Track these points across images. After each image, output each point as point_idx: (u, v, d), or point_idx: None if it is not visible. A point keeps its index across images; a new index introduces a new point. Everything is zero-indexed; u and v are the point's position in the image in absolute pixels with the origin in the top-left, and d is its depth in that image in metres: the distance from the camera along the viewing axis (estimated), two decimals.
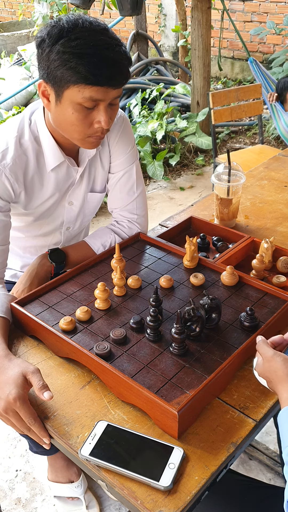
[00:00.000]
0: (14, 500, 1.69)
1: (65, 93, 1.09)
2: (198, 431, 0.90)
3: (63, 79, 1.06)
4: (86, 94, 1.07)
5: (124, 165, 1.40)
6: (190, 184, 3.95)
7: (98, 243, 1.39)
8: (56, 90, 1.10)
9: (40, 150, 1.26)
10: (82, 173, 1.35)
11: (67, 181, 1.34)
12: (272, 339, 0.95)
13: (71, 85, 1.06)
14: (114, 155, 1.39)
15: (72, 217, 1.42)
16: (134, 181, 1.43)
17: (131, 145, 1.41)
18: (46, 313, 1.13)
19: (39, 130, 1.25)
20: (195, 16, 4.11)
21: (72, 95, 1.08)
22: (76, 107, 1.10)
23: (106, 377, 0.97)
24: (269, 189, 1.83)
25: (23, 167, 1.24)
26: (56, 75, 1.07)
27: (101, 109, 1.11)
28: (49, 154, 1.26)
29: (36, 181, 1.28)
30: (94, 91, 1.07)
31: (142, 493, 0.81)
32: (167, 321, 1.10)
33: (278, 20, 5.64)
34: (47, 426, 0.92)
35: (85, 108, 1.10)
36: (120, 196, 1.43)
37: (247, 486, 1.12)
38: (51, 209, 1.36)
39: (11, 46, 7.01)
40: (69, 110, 1.11)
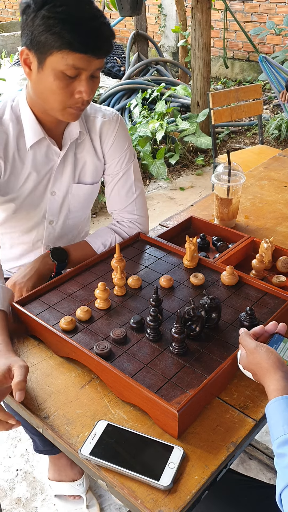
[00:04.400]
0: (15, 500, 1.69)
1: (47, 59, 1.08)
2: (198, 431, 0.91)
3: (46, 44, 1.05)
4: (69, 61, 1.06)
5: (121, 165, 1.39)
6: (190, 184, 3.96)
7: (99, 242, 1.39)
8: (38, 57, 1.09)
9: (20, 129, 1.26)
10: (64, 159, 1.33)
11: (47, 163, 1.31)
12: (253, 330, 0.94)
13: (54, 51, 1.05)
14: (110, 155, 1.38)
15: (55, 209, 1.38)
16: (133, 182, 1.42)
17: (127, 145, 1.40)
18: (46, 313, 1.13)
19: (21, 107, 1.25)
20: (195, 16, 4.11)
21: (54, 62, 1.07)
22: (58, 74, 1.09)
23: (106, 376, 0.97)
24: (269, 189, 1.83)
25: (2, 145, 1.24)
26: (40, 40, 1.05)
27: (82, 79, 1.10)
28: (29, 130, 1.25)
29: (15, 160, 1.27)
30: (78, 59, 1.06)
31: (142, 493, 0.81)
32: (167, 320, 1.10)
33: (278, 20, 5.64)
34: (47, 425, 0.93)
35: (67, 76, 1.09)
36: (119, 197, 1.42)
37: (247, 485, 1.12)
38: (32, 196, 1.33)
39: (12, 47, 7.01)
40: (50, 77, 1.10)
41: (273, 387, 0.82)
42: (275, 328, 0.95)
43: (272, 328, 0.95)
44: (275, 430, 0.77)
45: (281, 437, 0.75)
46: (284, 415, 0.77)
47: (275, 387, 0.81)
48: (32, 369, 1.05)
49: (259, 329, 0.94)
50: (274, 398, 0.80)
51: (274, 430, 0.77)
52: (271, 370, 0.84)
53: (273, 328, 0.95)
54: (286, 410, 0.77)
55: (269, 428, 0.80)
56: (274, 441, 0.77)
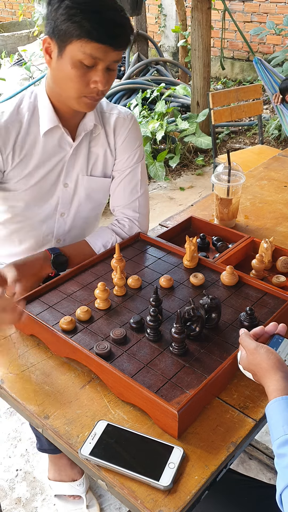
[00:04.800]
0: (15, 500, 1.69)
1: (67, 48, 1.12)
2: (198, 431, 0.91)
3: (67, 32, 1.10)
4: (87, 50, 1.11)
5: (129, 163, 1.42)
6: (190, 184, 3.95)
7: (99, 244, 1.39)
8: (59, 45, 1.14)
9: (35, 118, 1.29)
10: (77, 151, 1.35)
11: (58, 153, 1.33)
12: (254, 331, 0.94)
13: (74, 39, 1.10)
14: (120, 151, 1.40)
15: (67, 201, 1.40)
16: (139, 180, 1.44)
17: (138, 144, 1.43)
18: (46, 313, 1.13)
19: (39, 96, 1.29)
20: (195, 16, 4.11)
21: (73, 51, 1.12)
22: (76, 63, 1.13)
23: (106, 376, 0.97)
24: (268, 189, 1.83)
25: (16, 132, 1.27)
26: (61, 28, 1.11)
27: (99, 69, 1.14)
28: (44, 117, 1.28)
29: (27, 147, 1.29)
30: (95, 49, 1.11)
31: (142, 493, 0.81)
32: (167, 321, 1.10)
33: (278, 20, 5.64)
34: (47, 425, 0.93)
35: (84, 65, 1.13)
36: (123, 194, 1.43)
37: (247, 485, 1.12)
38: (44, 187, 1.34)
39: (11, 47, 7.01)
40: (68, 66, 1.14)
41: (273, 388, 0.82)
42: (275, 329, 0.95)
43: (272, 329, 0.95)
44: (275, 430, 0.77)
45: (281, 437, 0.75)
46: (284, 415, 0.77)
47: (275, 388, 0.81)
48: (32, 369, 1.05)
49: (259, 329, 0.94)
50: (274, 399, 0.80)
51: (274, 431, 0.77)
52: (271, 370, 0.84)
53: (273, 329, 0.95)
54: (286, 411, 0.77)
55: (269, 429, 0.80)
56: (274, 442, 0.77)
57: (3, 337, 1.14)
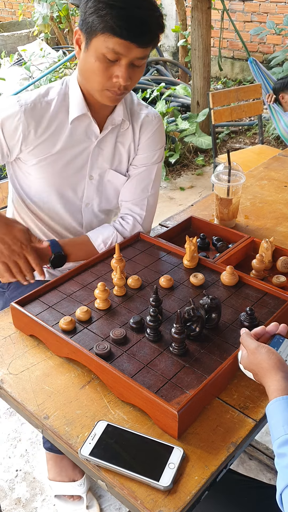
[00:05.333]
0: (14, 500, 1.69)
1: (92, 40, 1.15)
2: (198, 431, 0.91)
3: (93, 26, 1.13)
4: (109, 45, 1.12)
5: (147, 160, 1.43)
6: (190, 184, 3.95)
7: (100, 240, 1.39)
8: (86, 37, 1.17)
9: (65, 104, 1.31)
10: (102, 143, 1.37)
11: (84, 141, 1.35)
12: (255, 330, 0.95)
13: (98, 33, 1.12)
14: (141, 148, 1.42)
15: (91, 193, 1.43)
16: (151, 181, 1.45)
17: (160, 145, 1.45)
18: (46, 313, 1.13)
19: (70, 84, 1.32)
20: (195, 16, 4.11)
21: (98, 44, 1.14)
22: (99, 56, 1.15)
23: (106, 377, 0.97)
24: (269, 189, 1.83)
25: (43, 112, 1.29)
26: (88, 21, 1.13)
27: (122, 65, 1.16)
28: (74, 104, 1.30)
29: (53, 130, 1.31)
30: (118, 44, 1.12)
31: (142, 493, 0.81)
32: (167, 321, 1.10)
33: (278, 20, 5.64)
34: (47, 426, 0.93)
35: (107, 59, 1.15)
36: (134, 190, 1.45)
37: (247, 486, 1.12)
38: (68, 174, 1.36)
39: (11, 46, 7.00)
40: (92, 58, 1.16)
41: (273, 388, 0.82)
42: (276, 329, 0.95)
43: (273, 329, 0.95)
44: (275, 430, 0.77)
45: (281, 437, 0.75)
46: (285, 415, 0.77)
47: (275, 388, 0.81)
48: (31, 369, 1.04)
49: (260, 329, 0.95)
50: (275, 399, 0.80)
51: (275, 430, 0.77)
52: (272, 370, 0.84)
53: (274, 329, 0.95)
54: (287, 410, 0.77)
55: (269, 429, 0.80)
56: (274, 441, 0.77)
57: (3, 337, 1.14)
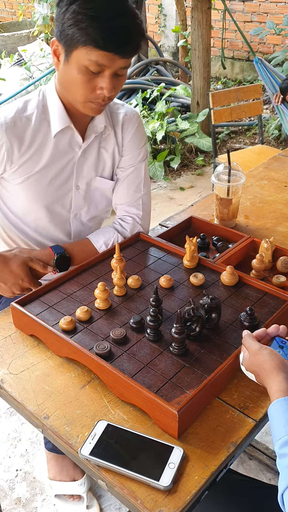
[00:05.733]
0: (14, 500, 1.69)
1: (73, 53, 1.11)
2: (198, 431, 0.91)
3: (73, 38, 1.09)
4: (92, 58, 1.09)
5: (134, 160, 1.42)
6: (190, 184, 3.95)
7: (101, 241, 1.39)
8: (65, 49, 1.13)
9: (46, 118, 1.28)
10: (86, 152, 1.35)
11: (68, 153, 1.32)
12: (256, 332, 0.95)
13: (80, 45, 1.09)
14: (125, 149, 1.41)
15: (80, 202, 1.41)
16: (142, 179, 1.45)
17: (143, 142, 1.44)
18: (46, 313, 1.13)
19: (48, 96, 1.28)
20: (195, 16, 4.11)
21: (79, 56, 1.11)
22: (82, 68, 1.12)
23: (106, 377, 0.97)
24: (269, 189, 1.83)
25: (24, 130, 1.26)
26: (67, 33, 1.09)
27: (105, 76, 1.13)
28: (56, 117, 1.27)
29: (37, 146, 1.28)
30: (101, 56, 1.09)
31: (142, 493, 0.81)
32: (167, 321, 1.10)
33: (278, 20, 5.64)
34: (47, 425, 0.93)
35: (90, 71, 1.12)
36: (127, 191, 1.44)
37: (247, 486, 1.12)
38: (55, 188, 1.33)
39: (11, 47, 7.00)
40: (74, 70, 1.13)
41: (275, 388, 0.82)
42: (277, 331, 0.95)
43: (274, 331, 0.95)
44: (277, 430, 0.78)
45: (283, 437, 0.76)
46: (286, 415, 0.77)
47: (277, 388, 0.82)
48: (32, 369, 1.05)
49: (262, 331, 0.95)
50: (277, 399, 0.80)
51: (276, 431, 0.78)
52: (274, 371, 0.84)
53: (274, 331, 0.95)
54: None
55: (270, 429, 0.80)
56: (276, 442, 0.77)
57: (3, 337, 1.14)
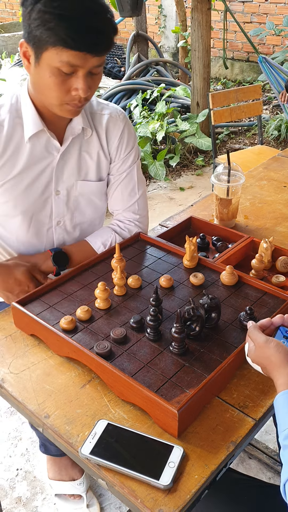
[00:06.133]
0: (15, 499, 1.69)
1: (43, 55, 1.05)
2: (198, 430, 0.91)
3: (42, 39, 1.03)
4: (64, 58, 1.03)
5: (125, 166, 1.39)
6: (190, 185, 3.96)
7: (99, 242, 1.38)
8: (35, 51, 1.06)
9: (19, 122, 1.23)
10: (65, 155, 1.29)
11: (45, 158, 1.26)
12: (261, 322, 0.95)
13: (49, 46, 1.03)
14: (115, 155, 1.37)
15: (61, 209, 1.34)
16: (136, 183, 1.41)
17: (132, 146, 1.39)
18: (46, 313, 1.13)
19: (22, 100, 1.22)
20: (195, 17, 4.12)
21: (50, 58, 1.04)
22: (54, 70, 1.06)
23: (106, 376, 0.97)
24: (268, 189, 1.84)
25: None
26: (35, 35, 1.03)
27: (79, 76, 1.07)
28: (29, 121, 1.21)
29: (11, 152, 1.23)
30: (72, 56, 1.03)
31: (142, 492, 0.81)
32: (167, 320, 1.11)
33: (277, 21, 5.65)
34: (47, 425, 0.93)
35: (63, 73, 1.06)
36: (121, 198, 1.42)
37: (246, 485, 1.13)
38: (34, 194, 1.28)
39: (12, 47, 7.01)
40: (46, 73, 1.07)
41: (282, 381, 0.83)
42: (281, 321, 0.95)
43: (279, 320, 0.95)
44: (282, 422, 0.79)
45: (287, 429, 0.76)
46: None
47: (284, 381, 0.83)
48: (32, 368, 1.05)
49: (266, 321, 0.95)
50: (283, 391, 0.81)
51: (282, 422, 0.79)
52: (281, 364, 0.85)
53: (279, 320, 0.95)
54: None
55: (277, 420, 0.81)
56: (281, 433, 0.79)
57: (4, 337, 1.14)
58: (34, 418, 0.96)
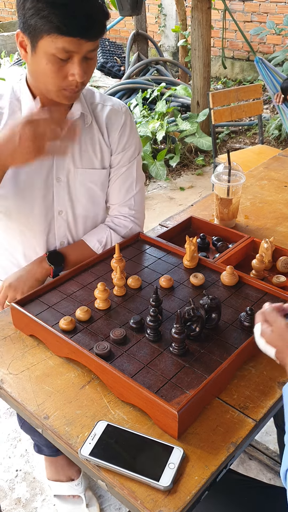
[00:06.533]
0: (14, 500, 1.69)
1: (39, 43, 1.09)
2: (198, 431, 0.90)
3: (36, 28, 1.06)
4: (59, 45, 1.07)
5: (125, 160, 1.39)
6: (190, 184, 3.95)
7: (94, 240, 1.38)
8: (31, 40, 1.10)
9: (19, 109, 1.25)
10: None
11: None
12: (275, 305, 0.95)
13: (44, 35, 1.06)
14: (116, 147, 1.37)
15: (62, 196, 1.34)
16: (134, 178, 1.42)
17: (133, 138, 1.39)
18: (46, 313, 1.13)
19: (21, 89, 1.26)
20: (195, 16, 4.11)
21: (45, 46, 1.08)
22: (50, 58, 1.10)
23: (106, 377, 0.97)
24: (269, 189, 1.83)
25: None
26: (30, 24, 1.07)
27: (75, 62, 1.10)
28: (26, 108, 1.24)
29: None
30: (67, 42, 1.06)
31: (142, 493, 0.81)
32: (167, 321, 1.10)
33: (278, 20, 5.64)
34: (47, 426, 0.93)
35: (59, 59, 1.10)
36: (118, 192, 1.42)
37: (247, 486, 1.12)
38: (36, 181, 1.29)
39: (11, 46, 7.01)
40: (43, 60, 1.11)
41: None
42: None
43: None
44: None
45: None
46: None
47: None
48: (31, 369, 1.04)
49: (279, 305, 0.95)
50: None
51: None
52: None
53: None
54: None
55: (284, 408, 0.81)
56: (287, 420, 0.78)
57: (3, 337, 1.14)
58: (33, 419, 0.95)
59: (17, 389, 1.00)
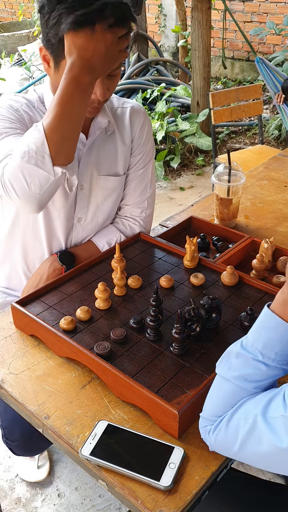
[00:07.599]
0: (14, 500, 1.69)
1: (62, 62, 1.08)
2: (199, 431, 0.90)
3: (59, 49, 1.05)
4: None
5: (143, 162, 1.40)
6: (190, 184, 3.96)
7: (104, 241, 1.39)
8: (54, 58, 1.10)
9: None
10: (91, 149, 1.30)
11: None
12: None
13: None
14: (135, 147, 1.38)
15: (84, 204, 1.34)
16: (149, 180, 1.43)
17: (150, 141, 1.41)
18: (46, 313, 1.13)
19: (45, 95, 1.26)
20: (195, 16, 4.11)
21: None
22: None
23: (106, 377, 0.97)
24: (269, 189, 1.83)
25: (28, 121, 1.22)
26: (53, 43, 1.06)
27: (97, 82, 1.10)
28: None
29: None
30: None
31: (142, 493, 0.81)
32: (167, 321, 1.10)
33: (278, 20, 5.64)
34: (47, 425, 0.93)
35: None
36: (133, 193, 1.42)
37: (247, 483, 1.12)
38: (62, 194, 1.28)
39: (11, 47, 7.01)
40: None
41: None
42: None
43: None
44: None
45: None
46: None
47: None
48: (32, 369, 1.05)
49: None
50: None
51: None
52: None
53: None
54: None
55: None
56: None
57: (4, 337, 1.14)
58: (34, 419, 0.95)
59: (17, 389, 1.00)
